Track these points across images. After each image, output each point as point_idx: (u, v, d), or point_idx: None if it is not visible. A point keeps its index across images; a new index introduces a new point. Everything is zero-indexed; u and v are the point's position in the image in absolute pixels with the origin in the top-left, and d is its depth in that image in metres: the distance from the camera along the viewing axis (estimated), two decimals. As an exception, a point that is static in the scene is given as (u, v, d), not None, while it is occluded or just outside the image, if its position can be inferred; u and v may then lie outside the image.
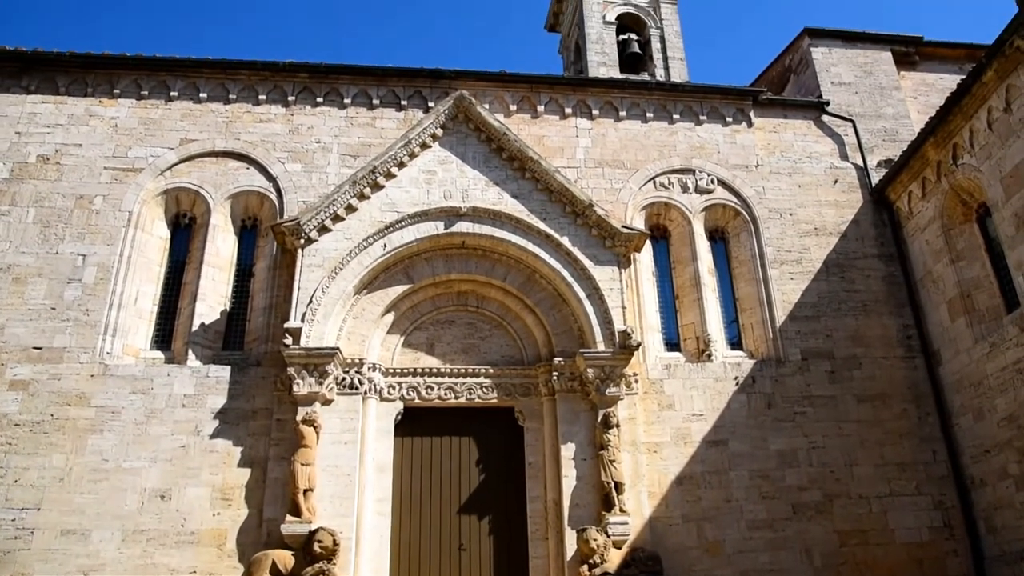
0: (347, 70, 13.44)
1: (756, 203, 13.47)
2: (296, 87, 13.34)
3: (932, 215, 12.67)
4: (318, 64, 13.34)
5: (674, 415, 11.53)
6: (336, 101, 13.38)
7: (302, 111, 13.22)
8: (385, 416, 11.14)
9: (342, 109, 13.33)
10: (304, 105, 13.28)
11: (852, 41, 15.91)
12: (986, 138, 11.38)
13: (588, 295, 11.56)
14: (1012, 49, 10.54)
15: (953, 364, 12.11)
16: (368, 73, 13.50)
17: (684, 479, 11.16)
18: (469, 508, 11.00)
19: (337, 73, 13.42)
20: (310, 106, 13.29)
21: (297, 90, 13.33)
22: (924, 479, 11.71)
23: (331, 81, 13.43)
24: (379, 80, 13.55)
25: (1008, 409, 10.93)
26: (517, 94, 13.83)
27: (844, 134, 14.50)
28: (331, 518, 9.99)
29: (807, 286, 12.86)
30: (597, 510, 10.36)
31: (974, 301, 11.93)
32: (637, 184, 13.35)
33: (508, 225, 11.96)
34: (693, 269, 12.86)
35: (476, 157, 12.45)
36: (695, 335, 12.49)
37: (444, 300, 12.07)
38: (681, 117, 14.11)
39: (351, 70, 13.46)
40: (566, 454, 10.71)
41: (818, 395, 12.02)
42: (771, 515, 11.07)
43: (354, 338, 11.31)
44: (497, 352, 11.85)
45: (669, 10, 17.93)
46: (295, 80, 13.36)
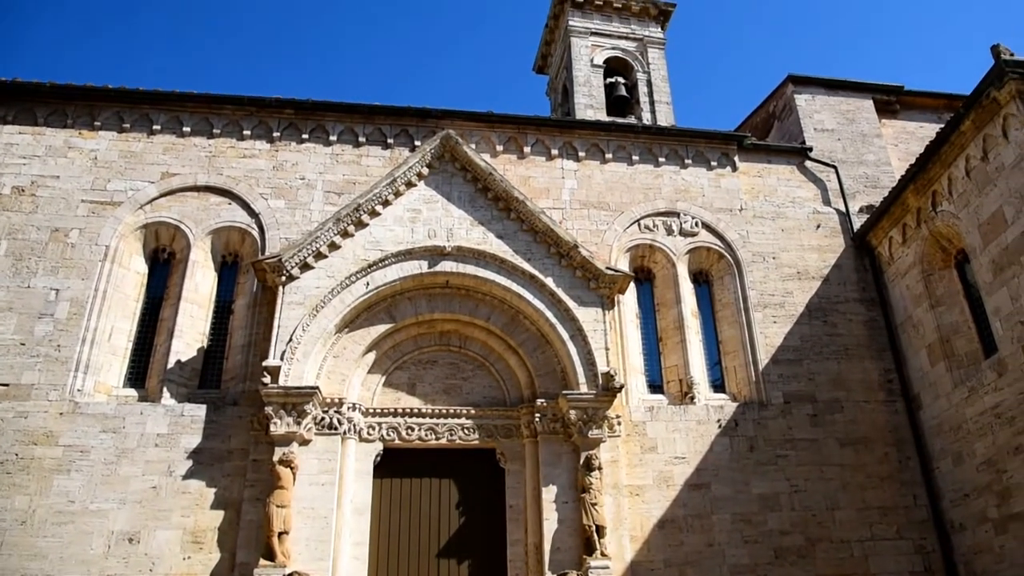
0: (333, 107, 13.72)
1: (740, 247, 13.86)
2: (281, 123, 13.61)
3: (912, 260, 13.09)
4: (304, 100, 13.62)
5: (656, 458, 11.72)
6: (322, 138, 13.65)
7: (287, 147, 13.47)
8: (364, 457, 11.21)
9: (327, 146, 13.60)
10: (289, 141, 13.53)
11: (835, 89, 16.50)
12: (964, 186, 11.83)
13: (572, 336, 11.78)
14: (989, 100, 11.05)
15: (933, 408, 12.43)
16: (355, 111, 13.80)
17: (666, 523, 11.30)
18: (448, 552, 11.04)
19: (323, 110, 13.70)
20: (295, 142, 13.54)
21: (282, 126, 13.59)
22: (905, 523, 11.95)
23: (317, 118, 13.71)
24: (366, 118, 13.85)
25: (987, 453, 11.21)
26: (504, 134, 14.19)
27: (827, 180, 14.99)
28: (307, 562, 9.98)
29: (790, 329, 13.20)
30: (578, 554, 10.44)
31: (953, 346, 12.29)
32: (622, 226, 13.70)
33: (493, 265, 12.20)
34: (677, 311, 13.16)
35: (462, 197, 12.73)
36: (678, 377, 12.74)
37: (427, 340, 12.24)
38: (666, 160, 14.54)
39: (337, 107, 13.74)
40: (547, 497, 10.82)
41: (800, 438, 12.28)
42: (753, 560, 11.23)
43: (334, 377, 11.41)
44: (479, 393, 12.01)
45: (656, 55, 18.52)
46: (281, 116, 13.63)
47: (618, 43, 18.54)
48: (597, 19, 18.70)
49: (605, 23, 18.72)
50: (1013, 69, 10.65)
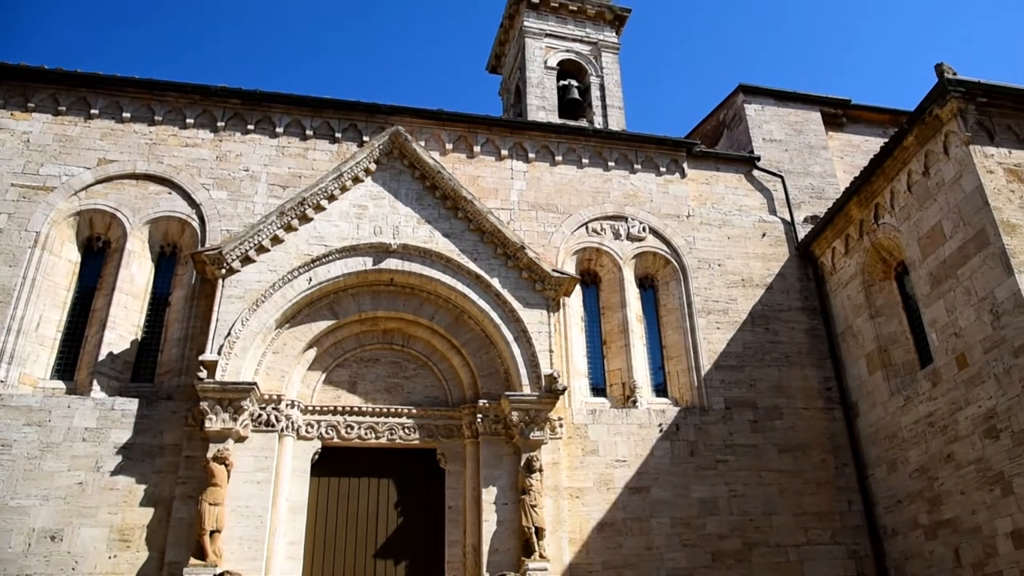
0: (281, 99, 13.68)
1: (686, 253, 14.20)
2: (227, 113, 13.50)
3: (854, 271, 13.57)
4: (251, 91, 13.54)
5: (598, 461, 11.94)
6: (268, 129, 13.58)
7: (231, 138, 13.38)
8: (302, 455, 11.20)
9: (274, 138, 13.53)
10: (234, 132, 13.44)
11: (784, 100, 17.02)
12: (906, 200, 12.33)
13: (516, 337, 11.95)
14: (931, 117, 11.57)
15: (870, 416, 12.91)
16: (303, 103, 13.77)
17: (606, 525, 11.52)
18: (386, 552, 11.09)
19: (270, 101, 13.65)
20: (240, 133, 13.45)
21: (227, 116, 13.49)
22: (840, 528, 12.38)
23: (264, 109, 13.64)
24: (314, 111, 13.83)
25: (920, 461, 11.70)
26: (454, 133, 14.31)
27: (773, 189, 15.46)
28: (239, 561, 9.92)
29: (733, 336, 13.58)
30: (517, 556, 10.59)
31: (891, 356, 12.79)
32: (570, 229, 13.93)
33: (438, 264, 12.30)
34: (622, 315, 13.42)
35: (409, 194, 12.82)
36: (621, 381, 13.00)
37: (369, 337, 12.28)
38: (616, 165, 14.83)
39: (285, 99, 13.69)
40: (487, 498, 10.96)
41: (740, 444, 12.64)
42: (691, 563, 11.52)
43: (273, 373, 11.38)
44: (421, 392, 12.10)
45: (610, 59, 18.85)
46: (226, 105, 13.52)
47: (572, 46, 18.83)
48: (552, 21, 18.96)
49: (560, 25, 18.99)
50: (955, 88, 11.16)
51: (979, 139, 11.22)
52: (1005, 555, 10.10)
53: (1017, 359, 10.02)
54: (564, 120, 17.21)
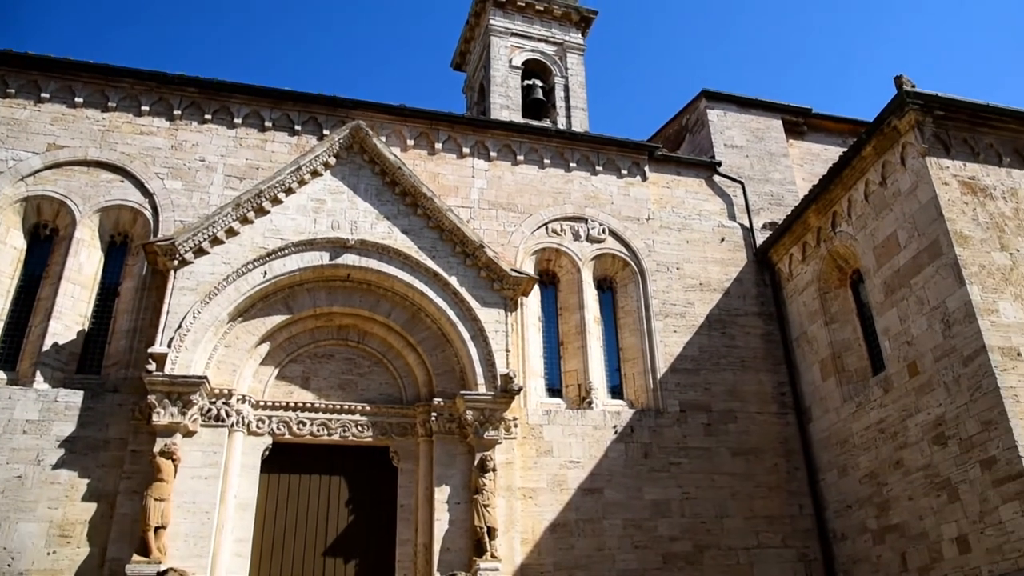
0: (240, 89, 13.59)
1: (645, 256, 14.42)
2: (183, 101, 13.38)
3: (810, 278, 13.90)
4: (210, 80, 13.43)
5: (552, 461, 12.08)
6: (225, 120, 13.50)
7: (188, 127, 13.26)
8: (252, 451, 11.15)
9: (231, 128, 13.45)
10: (190, 121, 13.32)
11: (746, 107, 17.36)
12: (863, 209, 12.67)
13: (473, 336, 12.04)
14: (890, 128, 11.90)
15: (823, 422, 13.23)
16: (262, 94, 13.69)
17: (558, 526, 11.65)
18: (336, 550, 11.09)
19: (229, 91, 13.55)
20: (197, 122, 13.34)
21: (184, 104, 13.36)
22: (790, 532, 12.67)
23: (222, 99, 13.54)
24: (273, 102, 13.77)
25: (870, 467, 12.02)
26: (416, 129, 14.35)
27: (733, 195, 15.76)
28: (184, 559, 9.85)
29: (689, 340, 13.82)
30: (468, 555, 10.67)
31: (844, 362, 13.12)
32: (530, 229, 14.06)
33: (396, 261, 12.34)
34: (579, 317, 13.59)
35: (368, 189, 12.84)
36: (577, 382, 13.16)
37: (324, 333, 12.27)
38: (578, 166, 15.00)
39: (244, 89, 13.61)
40: (440, 497, 11.02)
41: (694, 447, 12.86)
42: (642, 565, 11.69)
43: (224, 367, 11.31)
44: (376, 390, 12.12)
45: (575, 60, 19.06)
46: (183, 94, 13.39)
47: (538, 46, 19.00)
48: (519, 20, 19.12)
49: (526, 25, 19.16)
50: (914, 100, 11.51)
51: (935, 151, 11.59)
52: (950, 560, 10.44)
53: (966, 368, 10.35)
54: (527, 120, 17.36)
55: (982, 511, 9.96)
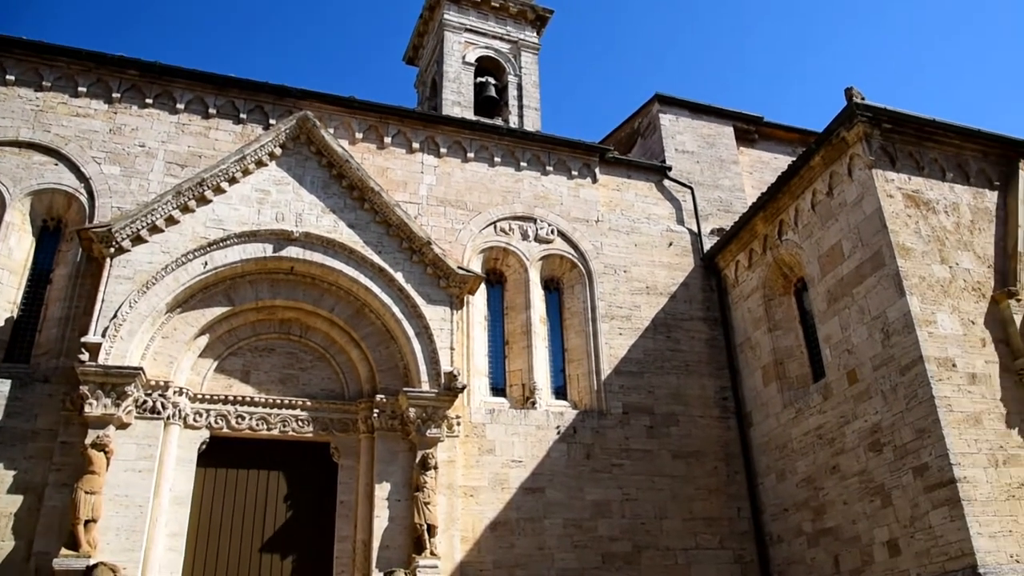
0: (183, 73, 13.66)
1: (593, 257, 14.95)
2: (123, 84, 13.39)
3: (755, 285, 14.57)
4: (151, 63, 13.45)
5: (494, 460, 12.52)
6: (167, 105, 13.55)
7: (127, 110, 13.29)
8: (188, 444, 11.33)
9: (173, 114, 13.52)
10: (130, 104, 13.35)
11: (699, 112, 18.02)
12: (809, 218, 13.33)
13: (417, 333, 12.39)
14: (839, 139, 12.53)
15: (763, 427, 13.91)
16: (206, 80, 13.79)
17: (499, 525, 12.09)
18: (273, 546, 11.34)
19: (171, 75, 13.60)
20: (137, 106, 13.37)
21: (124, 87, 13.37)
22: (728, 534, 13.32)
23: (164, 83, 13.59)
24: (218, 89, 13.87)
25: (807, 471, 12.71)
26: (365, 122, 14.62)
27: (683, 200, 16.40)
28: (116, 552, 9.97)
29: (634, 342, 14.39)
30: (408, 553, 11.03)
31: (786, 369, 13.81)
32: (478, 227, 14.47)
33: (341, 255, 12.62)
34: (526, 317, 14.06)
35: (315, 182, 13.07)
36: (522, 382, 13.63)
37: (265, 326, 12.48)
38: (528, 165, 15.47)
39: (188, 74, 13.68)
40: (380, 494, 11.36)
41: (636, 449, 13.43)
42: (581, 564, 12.20)
43: (161, 359, 11.44)
44: (317, 385, 12.39)
45: (529, 59, 19.55)
46: (123, 76, 13.40)
47: (492, 43, 19.44)
48: (473, 16, 19.53)
49: (481, 21, 19.57)
50: (863, 112, 12.12)
51: (882, 164, 12.21)
52: (880, 563, 11.12)
53: (903, 377, 11.00)
54: (479, 117, 17.73)
55: (913, 516, 10.63)
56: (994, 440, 10.68)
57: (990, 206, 12.81)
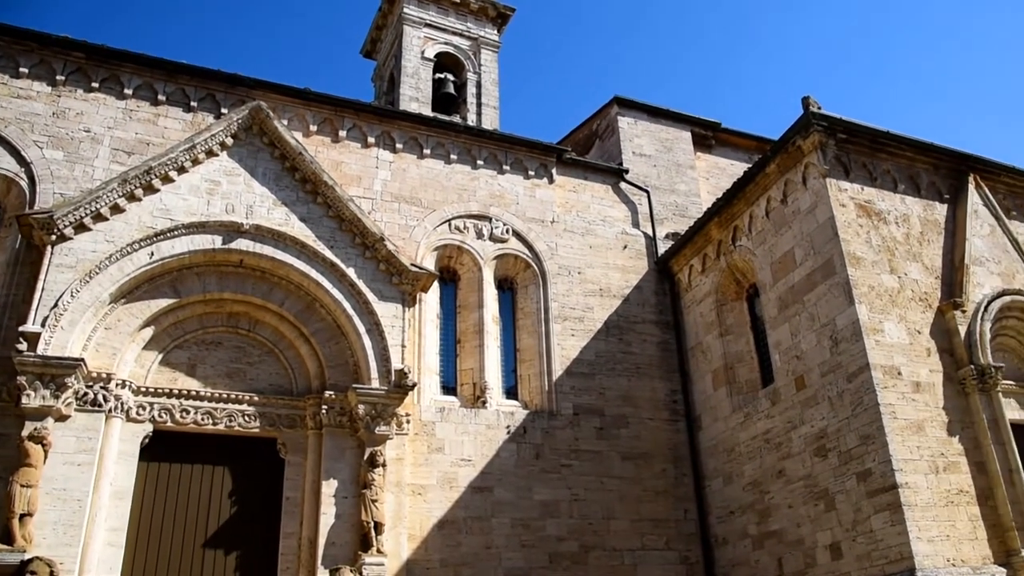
0: (131, 58, 13.63)
1: (547, 258, 15.38)
2: (68, 66, 13.31)
3: (708, 290, 15.11)
4: (98, 46, 13.41)
5: (443, 459, 12.87)
6: (115, 90, 13.52)
7: (72, 94, 13.23)
8: (131, 438, 11.41)
9: (121, 100, 13.50)
10: (75, 88, 13.29)
11: (657, 116, 18.56)
12: (763, 225, 13.86)
13: (368, 330, 12.65)
14: (794, 147, 13.04)
15: (712, 430, 14.45)
16: (156, 66, 13.80)
17: (446, 523, 12.44)
18: (216, 542, 11.51)
19: (119, 59, 13.57)
20: (83, 90, 13.33)
21: (69, 70, 13.30)
22: (674, 535, 13.86)
23: (111, 67, 13.55)
24: (168, 75, 13.90)
25: (754, 475, 13.26)
26: (319, 115, 14.81)
27: (639, 203, 16.91)
28: (52, 547, 10.02)
29: (586, 344, 14.85)
30: (354, 550, 11.29)
31: (736, 373, 14.36)
32: (432, 224, 14.78)
33: (292, 249, 12.80)
34: (478, 316, 14.42)
35: (267, 174, 13.22)
36: (473, 381, 13.99)
37: (213, 320, 12.62)
38: (485, 164, 15.83)
39: (136, 59, 13.66)
40: (327, 491, 11.60)
41: (585, 449, 13.89)
42: (528, 563, 12.62)
43: (103, 350, 11.49)
44: (265, 380, 12.57)
45: (489, 57, 19.91)
46: (68, 58, 13.33)
47: (452, 39, 19.76)
48: (433, 11, 19.81)
49: (441, 16, 19.87)
50: (819, 121, 12.62)
51: (835, 173, 12.74)
52: (823, 565, 11.67)
53: (850, 384, 11.55)
54: (436, 114, 17.98)
55: (855, 520, 11.18)
56: (935, 447, 11.25)
57: (939, 218, 13.42)
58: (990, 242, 13.49)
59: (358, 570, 11.01)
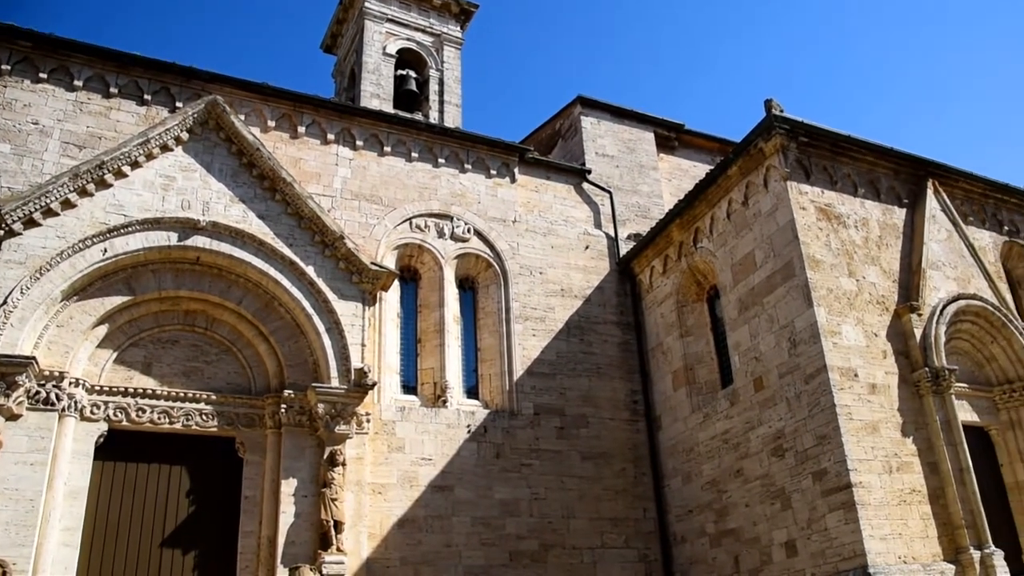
0: (81, 48, 13.64)
1: (509, 258, 15.84)
2: (14, 56, 13.28)
3: (669, 291, 15.66)
4: (46, 35, 13.36)
5: (403, 458, 13.28)
6: (64, 81, 13.55)
7: (18, 85, 13.22)
8: (85, 437, 11.61)
9: (71, 91, 13.55)
10: (22, 78, 13.28)
11: (621, 117, 19.10)
12: (724, 227, 14.38)
13: (328, 329, 12.98)
14: (756, 150, 13.53)
15: (671, 430, 15.03)
16: (107, 57, 13.83)
17: (406, 522, 12.87)
18: (174, 542, 11.78)
19: (69, 50, 13.57)
20: (30, 80, 13.31)
21: (15, 59, 13.28)
22: (633, 534, 14.45)
23: (60, 57, 13.54)
24: (120, 67, 13.96)
25: (712, 475, 13.84)
26: (278, 110, 15.05)
27: (601, 204, 17.45)
28: (5, 548, 10.23)
29: (547, 344, 15.36)
30: (314, 549, 11.64)
31: (696, 374, 14.93)
32: (393, 223, 15.14)
33: (251, 246, 13.05)
34: (439, 315, 14.83)
35: (224, 170, 13.43)
36: (433, 380, 14.41)
37: (169, 317, 12.84)
38: (446, 162, 16.23)
39: (87, 49, 13.67)
40: (286, 490, 11.94)
41: (546, 449, 14.41)
42: (488, 562, 13.09)
43: (56, 348, 11.65)
44: (223, 378, 12.84)
45: (452, 54, 20.29)
46: (13, 47, 13.28)
47: (415, 35, 20.09)
48: (395, 6, 20.10)
49: (403, 11, 20.18)
50: (781, 124, 13.10)
51: (796, 176, 13.24)
52: (778, 563, 12.26)
53: (807, 385, 12.10)
54: (398, 111, 18.26)
55: (810, 519, 11.76)
56: (889, 448, 11.84)
57: (898, 222, 14.00)
58: (947, 247, 14.09)
59: (318, 569, 11.35)
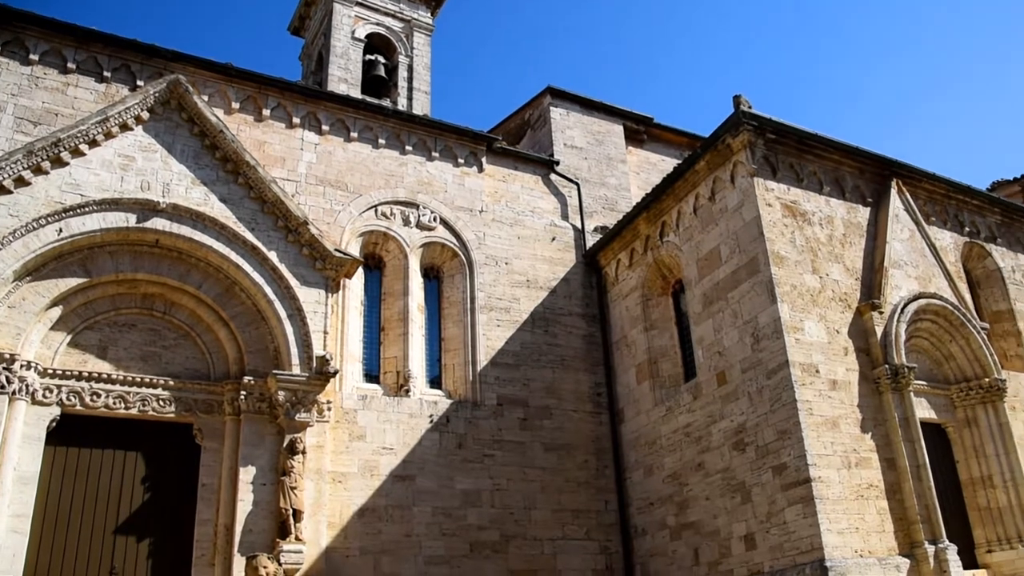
0: (37, 21, 13.37)
1: (475, 247, 15.91)
2: (-35, 28, 13.00)
3: (635, 284, 15.84)
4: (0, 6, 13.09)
5: (364, 446, 13.31)
6: (19, 54, 13.29)
7: (-30, 58, 12.95)
8: (36, 421, 11.48)
9: (26, 65, 13.29)
10: (-28, 51, 13.00)
11: (590, 108, 19.23)
12: (691, 221, 14.57)
13: (290, 315, 12.97)
14: (724, 146, 13.70)
15: (634, 423, 15.22)
16: (65, 31, 13.60)
17: (367, 511, 12.92)
18: (128, 529, 11.71)
19: (24, 22, 13.31)
20: (-18, 53, 13.04)
21: (-34, 32, 13.01)
22: (595, 526, 14.64)
23: (15, 30, 13.29)
24: (79, 42, 13.75)
25: (674, 468, 14.05)
26: (243, 92, 14.94)
27: (568, 195, 17.59)
28: (-50, 534, 10.16)
29: (512, 335, 15.48)
30: (272, 537, 11.66)
31: (659, 368, 15.13)
32: (358, 209, 15.14)
33: (212, 230, 12.98)
34: (403, 304, 14.87)
35: (185, 151, 13.33)
36: (396, 369, 14.46)
37: (126, 301, 12.72)
38: (413, 150, 16.24)
39: (43, 22, 13.42)
40: (245, 478, 11.93)
41: (508, 440, 14.54)
42: (449, 552, 13.20)
43: (7, 330, 11.48)
44: (181, 364, 12.77)
45: (422, 40, 20.27)
46: (-36, 20, 12.99)
47: (384, 20, 20.02)
48: (365, -10, 20.05)
49: (374, -5, 20.13)
50: (749, 121, 13.27)
51: (763, 172, 13.44)
52: (737, 555, 12.50)
53: (769, 380, 12.32)
54: (366, 96, 18.24)
55: (770, 512, 11.99)
56: (848, 443, 12.10)
57: (862, 221, 14.28)
58: (909, 246, 14.39)
59: (276, 557, 11.36)
